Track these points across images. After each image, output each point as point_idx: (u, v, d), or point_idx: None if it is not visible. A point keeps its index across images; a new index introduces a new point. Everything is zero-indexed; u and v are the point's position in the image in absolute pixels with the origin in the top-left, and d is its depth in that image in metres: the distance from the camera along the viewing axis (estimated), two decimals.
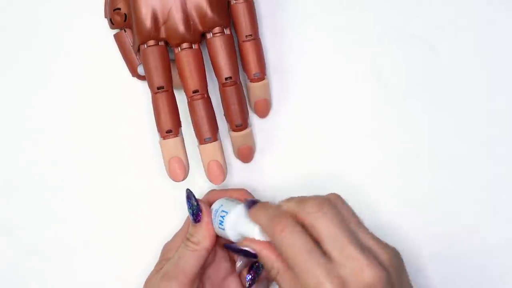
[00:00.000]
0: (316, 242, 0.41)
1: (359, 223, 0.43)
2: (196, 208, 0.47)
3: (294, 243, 0.41)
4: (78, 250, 0.53)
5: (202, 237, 0.47)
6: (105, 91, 0.53)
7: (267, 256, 0.43)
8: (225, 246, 0.46)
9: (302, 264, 0.40)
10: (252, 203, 0.45)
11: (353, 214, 0.44)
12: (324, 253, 0.40)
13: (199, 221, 0.47)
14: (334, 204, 0.42)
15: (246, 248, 0.44)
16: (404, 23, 0.53)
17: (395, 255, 0.42)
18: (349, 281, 0.39)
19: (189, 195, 0.48)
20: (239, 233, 0.45)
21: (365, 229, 0.43)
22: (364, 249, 0.41)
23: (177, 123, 0.49)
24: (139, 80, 0.53)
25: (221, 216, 0.46)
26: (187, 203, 0.47)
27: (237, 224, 0.45)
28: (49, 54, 0.54)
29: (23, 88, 0.54)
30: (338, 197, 0.44)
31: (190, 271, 0.46)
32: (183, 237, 0.48)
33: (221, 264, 0.50)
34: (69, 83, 0.53)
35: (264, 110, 0.52)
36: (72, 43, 0.53)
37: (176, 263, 0.46)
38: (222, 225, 0.46)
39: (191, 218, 0.47)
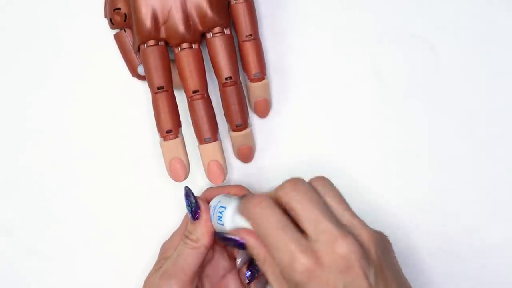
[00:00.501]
0: (295, 223, 0.41)
1: (342, 203, 0.42)
2: (195, 206, 0.47)
3: (268, 218, 0.41)
4: (78, 250, 0.53)
5: (201, 235, 0.47)
6: (105, 91, 0.53)
7: (254, 244, 0.42)
8: (215, 235, 0.46)
9: (275, 239, 0.40)
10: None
11: (338, 194, 0.43)
12: (301, 231, 0.40)
13: (197, 218, 0.47)
14: (313, 184, 0.42)
15: (234, 237, 0.44)
16: (404, 23, 0.53)
17: (379, 236, 0.42)
18: (323, 254, 0.39)
19: (188, 192, 0.48)
20: (238, 228, 0.45)
21: (348, 209, 0.42)
22: (339, 223, 0.40)
23: (177, 123, 0.49)
24: (139, 80, 0.53)
25: (219, 212, 0.46)
26: (185, 200, 0.48)
27: (235, 219, 0.45)
28: (49, 54, 0.54)
29: (23, 88, 0.54)
30: (322, 178, 0.44)
31: (190, 269, 0.46)
32: (181, 235, 0.48)
33: (220, 262, 0.50)
34: (69, 83, 0.53)
35: (264, 110, 0.52)
36: (72, 43, 0.53)
37: (175, 261, 0.46)
38: (221, 220, 0.46)
39: (189, 215, 0.47)
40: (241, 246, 0.44)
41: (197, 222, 0.47)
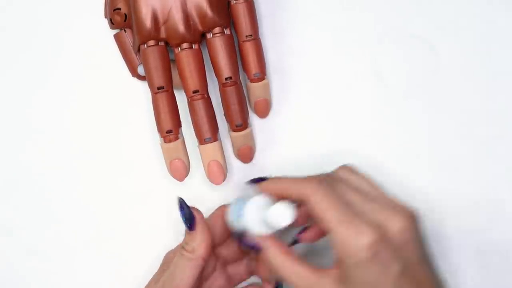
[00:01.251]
0: None
1: (375, 188, 0.45)
2: (189, 216, 0.46)
3: (329, 197, 0.42)
4: (78, 250, 0.53)
5: (197, 245, 0.46)
6: (105, 91, 0.53)
7: (269, 247, 0.44)
8: (233, 236, 0.47)
9: (339, 214, 0.41)
10: (259, 180, 0.46)
11: (368, 181, 0.45)
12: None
13: (193, 229, 0.46)
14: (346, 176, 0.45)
15: (250, 243, 0.45)
16: (404, 23, 0.53)
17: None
18: (386, 229, 0.41)
19: (182, 204, 0.47)
20: (259, 220, 0.45)
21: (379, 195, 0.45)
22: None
23: (177, 123, 0.49)
24: (139, 80, 0.53)
25: (239, 210, 0.45)
26: (180, 212, 0.46)
27: (257, 211, 0.45)
28: (49, 54, 0.54)
29: (23, 88, 0.54)
30: (349, 169, 0.46)
31: (187, 281, 0.45)
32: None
33: (218, 279, 0.49)
34: (69, 83, 0.53)
35: (264, 110, 0.52)
36: (72, 43, 0.53)
37: (172, 273, 0.46)
38: (242, 217, 0.45)
39: (185, 226, 0.47)
40: (256, 249, 0.44)
41: (193, 232, 0.46)
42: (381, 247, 0.40)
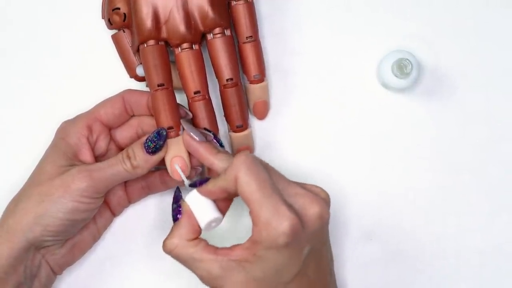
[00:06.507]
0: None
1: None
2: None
3: (259, 175, 0.43)
4: None
5: (143, 163, 0.47)
6: (102, 92, 0.52)
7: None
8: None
9: (264, 196, 0.42)
10: (199, 183, 0.46)
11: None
12: None
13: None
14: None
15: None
16: (404, 23, 0.53)
17: None
18: (302, 213, 0.43)
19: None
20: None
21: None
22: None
23: (178, 121, 0.48)
24: (137, 82, 0.52)
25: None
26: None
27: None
28: (46, 55, 0.53)
29: (21, 89, 0.53)
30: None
31: (111, 184, 0.47)
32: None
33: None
34: (66, 85, 0.53)
35: (262, 111, 0.52)
36: (69, 44, 0.53)
37: (101, 168, 0.46)
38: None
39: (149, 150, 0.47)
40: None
41: (150, 157, 0.47)
42: (297, 234, 0.42)
